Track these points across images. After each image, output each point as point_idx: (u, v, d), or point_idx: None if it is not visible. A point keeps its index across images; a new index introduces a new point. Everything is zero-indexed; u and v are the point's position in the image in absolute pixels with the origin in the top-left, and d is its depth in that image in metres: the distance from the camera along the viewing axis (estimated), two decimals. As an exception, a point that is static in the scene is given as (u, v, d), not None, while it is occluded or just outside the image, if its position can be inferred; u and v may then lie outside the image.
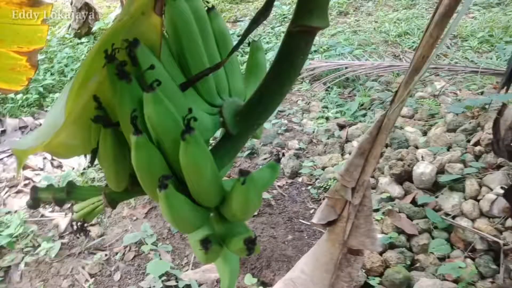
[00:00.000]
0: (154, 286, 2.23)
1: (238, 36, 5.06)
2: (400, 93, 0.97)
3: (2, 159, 3.54)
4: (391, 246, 2.34)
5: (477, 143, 2.72)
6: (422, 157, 2.75)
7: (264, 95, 0.67)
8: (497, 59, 4.45)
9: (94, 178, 3.13)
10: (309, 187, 3.05)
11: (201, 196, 0.61)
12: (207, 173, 0.58)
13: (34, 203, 0.74)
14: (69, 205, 2.88)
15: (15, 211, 2.82)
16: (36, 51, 1.47)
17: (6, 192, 3.05)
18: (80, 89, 0.57)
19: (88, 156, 0.67)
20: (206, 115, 0.69)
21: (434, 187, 2.61)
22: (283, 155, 3.12)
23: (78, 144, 0.67)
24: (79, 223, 0.73)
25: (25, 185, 3.14)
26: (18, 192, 3.06)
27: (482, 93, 3.81)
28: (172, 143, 0.56)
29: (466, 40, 5.15)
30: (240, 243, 0.61)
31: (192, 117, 0.53)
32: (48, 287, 2.37)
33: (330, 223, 1.21)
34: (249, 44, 0.83)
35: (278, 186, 3.09)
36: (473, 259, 2.16)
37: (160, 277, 2.26)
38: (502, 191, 2.25)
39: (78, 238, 2.42)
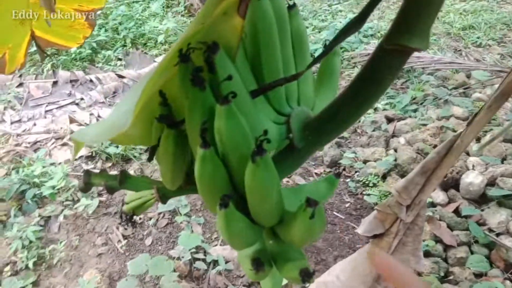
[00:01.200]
0: (183, 257, 2.26)
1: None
2: (480, 117, 0.88)
3: (51, 110, 3.66)
4: (426, 254, 2.26)
5: (535, 159, 2.55)
6: (473, 166, 2.61)
7: (340, 112, 0.61)
8: None
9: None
10: (348, 179, 2.98)
11: (261, 217, 0.58)
12: (272, 197, 0.54)
13: (86, 187, 0.73)
14: (109, 164, 2.95)
15: (59, 163, 2.92)
16: (95, 11, 1.46)
17: (52, 143, 3.16)
18: (152, 91, 0.53)
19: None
20: (273, 124, 0.64)
21: (481, 200, 2.48)
22: (344, 169, 3.05)
23: (136, 135, 0.65)
24: (128, 215, 0.72)
25: (71, 138, 3.23)
26: (63, 144, 3.16)
27: (547, 103, 3.55)
28: (239, 160, 0.53)
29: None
30: (295, 273, 0.57)
31: (266, 139, 0.48)
32: (82, 241, 2.47)
33: (376, 236, 1.16)
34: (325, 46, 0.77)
35: (316, 173, 3.04)
36: (512, 282, 2.06)
37: (189, 249, 2.29)
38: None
39: (126, 229, 2.47)
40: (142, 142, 0.67)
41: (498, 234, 2.25)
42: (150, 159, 0.65)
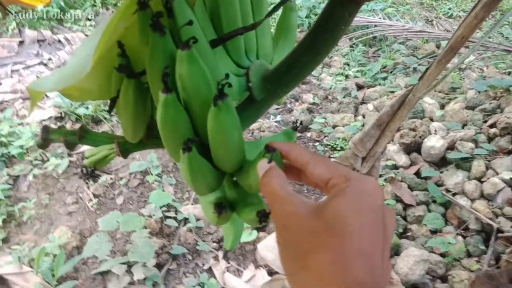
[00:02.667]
0: (154, 215, 2.31)
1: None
2: (431, 70, 0.94)
3: (18, 70, 3.55)
4: (387, 213, 2.39)
5: (493, 125, 2.68)
6: (435, 130, 2.73)
7: (296, 62, 0.65)
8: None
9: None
10: (317, 143, 3.06)
11: (222, 162, 0.61)
12: (233, 141, 0.57)
13: (44, 143, 0.72)
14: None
15: (27, 124, 2.88)
16: None
17: (20, 103, 3.09)
18: (110, 37, 0.55)
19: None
20: (233, 76, 0.67)
21: (441, 162, 2.62)
22: (301, 123, 3.02)
23: (94, 89, 0.65)
24: (89, 169, 0.73)
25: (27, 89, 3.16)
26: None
27: (510, 73, 3.69)
28: (201, 105, 0.55)
29: (504, 14, 4.90)
30: (252, 214, 0.61)
31: (227, 83, 0.51)
32: (52, 200, 2.47)
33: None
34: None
35: (295, 121, 3.10)
36: (464, 237, 2.21)
37: (161, 207, 2.34)
38: (510, 180, 2.26)
39: (87, 183, 2.47)
40: (101, 96, 0.67)
41: (454, 194, 2.40)
42: (110, 111, 0.66)
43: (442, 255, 2.13)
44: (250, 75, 0.68)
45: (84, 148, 2.60)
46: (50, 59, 3.77)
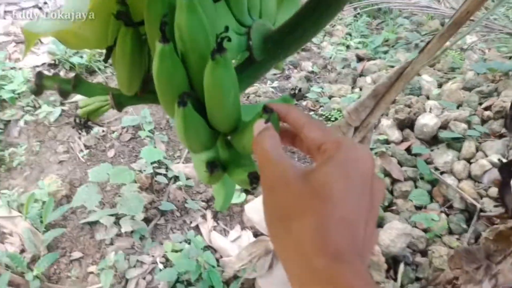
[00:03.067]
0: (144, 170, 2.32)
1: None
2: (432, 45, 0.93)
3: (11, 11, 3.44)
4: (375, 186, 2.42)
5: (488, 108, 2.69)
6: (430, 108, 2.73)
7: (299, 24, 0.64)
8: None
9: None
10: (312, 112, 3.06)
11: (217, 120, 0.60)
12: (230, 99, 0.56)
13: (38, 90, 0.71)
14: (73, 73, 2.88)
15: (20, 68, 2.82)
16: None
17: (13, 47, 3.02)
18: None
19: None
20: (234, 34, 0.65)
21: (433, 141, 2.64)
22: (300, 90, 3.00)
23: (91, 37, 0.63)
24: (82, 119, 0.72)
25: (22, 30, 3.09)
26: (25, 49, 3.02)
27: (511, 58, 3.67)
28: (199, 59, 0.54)
29: (514, -4, 4.81)
30: (244, 175, 0.60)
31: (226, 37, 0.49)
32: (43, 148, 2.47)
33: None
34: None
35: (294, 88, 3.09)
36: (447, 215, 2.27)
37: (152, 163, 2.35)
38: (498, 162, 2.29)
39: (80, 133, 2.45)
40: (97, 44, 0.65)
41: (442, 173, 2.43)
42: (106, 60, 0.65)
43: (425, 230, 2.18)
44: (251, 34, 0.66)
45: (78, 98, 2.58)
46: (45, 2, 3.65)
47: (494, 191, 2.24)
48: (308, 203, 0.38)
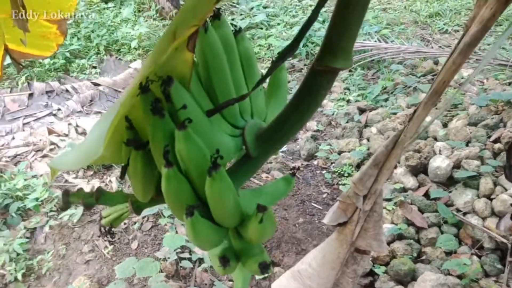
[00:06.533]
0: (169, 257, 2.34)
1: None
2: (419, 113, 0.98)
3: (29, 122, 3.67)
4: (400, 237, 2.39)
5: (497, 140, 2.70)
6: (439, 150, 2.75)
7: (285, 123, 0.71)
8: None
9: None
10: (324, 171, 3.09)
11: (223, 219, 0.67)
12: (229, 204, 0.63)
13: (65, 206, 0.79)
14: (91, 172, 3.00)
15: (41, 175, 2.96)
16: (66, 19, 1.52)
17: (33, 156, 3.18)
18: (121, 116, 0.61)
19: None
20: (229, 137, 0.73)
21: (449, 182, 2.62)
22: (299, 168, 3.15)
23: (107, 155, 0.72)
24: (107, 228, 0.79)
25: (51, 149, 3.27)
26: (44, 156, 3.19)
27: (510, 84, 3.72)
28: (199, 175, 0.62)
29: (500, 25, 4.97)
30: (255, 266, 0.67)
31: (219, 156, 0.57)
32: (69, 250, 2.52)
33: (340, 225, 1.27)
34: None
35: (294, 168, 3.14)
36: (479, 257, 2.20)
37: (175, 249, 2.37)
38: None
39: (105, 240, 2.54)
40: (113, 160, 0.75)
41: (465, 214, 2.40)
42: (122, 177, 0.74)
43: (459, 277, 2.11)
44: (245, 135, 0.74)
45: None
46: (59, 109, 3.90)
47: (522, 224, 2.19)
48: None
